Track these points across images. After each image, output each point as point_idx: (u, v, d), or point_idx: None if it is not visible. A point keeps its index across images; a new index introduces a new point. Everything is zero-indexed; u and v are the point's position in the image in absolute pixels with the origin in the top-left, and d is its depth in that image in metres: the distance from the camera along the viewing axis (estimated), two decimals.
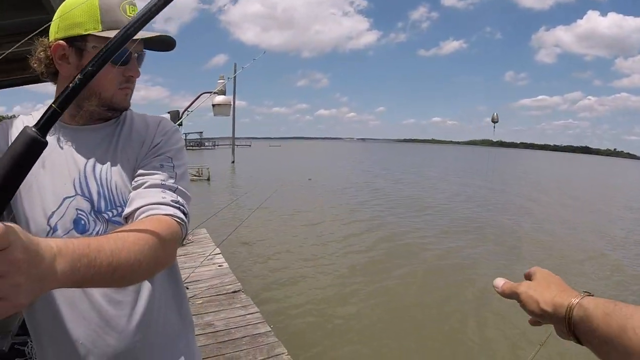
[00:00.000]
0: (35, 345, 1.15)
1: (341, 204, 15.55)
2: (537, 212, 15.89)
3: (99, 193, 1.07)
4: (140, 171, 1.08)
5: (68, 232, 1.05)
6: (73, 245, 0.61)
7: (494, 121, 5.39)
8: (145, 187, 1.06)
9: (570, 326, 0.67)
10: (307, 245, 9.65)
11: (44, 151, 0.81)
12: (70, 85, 0.63)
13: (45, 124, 0.61)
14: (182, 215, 1.02)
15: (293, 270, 7.69)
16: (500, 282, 0.86)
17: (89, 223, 1.06)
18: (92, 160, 1.08)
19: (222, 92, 7.85)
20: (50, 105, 0.63)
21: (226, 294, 5.14)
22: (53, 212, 1.05)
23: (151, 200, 1.02)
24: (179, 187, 1.08)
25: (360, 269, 8.08)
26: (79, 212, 1.06)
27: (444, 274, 7.90)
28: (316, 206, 14.95)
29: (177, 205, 1.03)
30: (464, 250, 9.74)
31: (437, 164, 47.67)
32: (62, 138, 1.08)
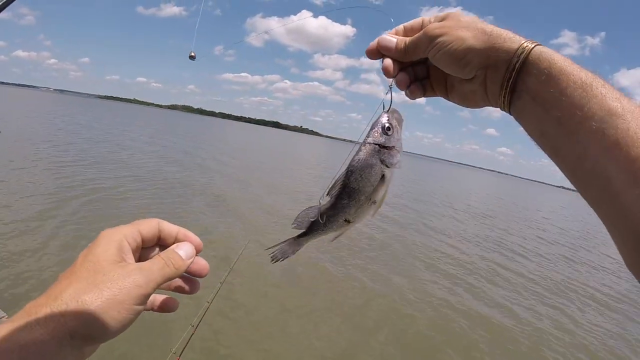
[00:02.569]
0: None
1: (39, 163, 12.79)
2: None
3: None
4: None
5: None
6: None
7: (192, 58, 4.52)
8: None
9: (515, 69, 0.59)
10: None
11: None
12: None
13: None
14: None
15: None
16: (388, 39, 0.71)
17: None
18: None
19: None
20: None
21: None
22: None
23: None
24: None
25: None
26: None
27: None
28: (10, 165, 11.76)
29: None
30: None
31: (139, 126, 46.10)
32: None
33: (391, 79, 0.73)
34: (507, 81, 0.59)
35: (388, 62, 0.70)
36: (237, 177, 17.67)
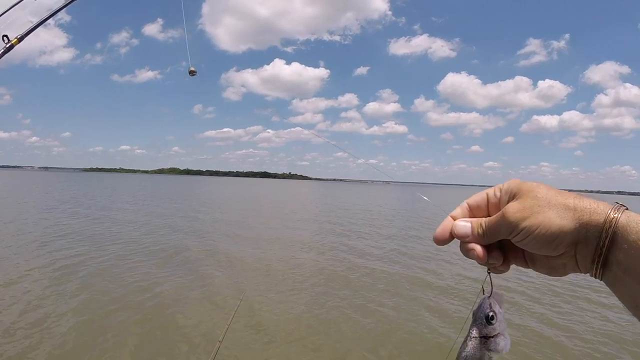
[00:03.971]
0: None
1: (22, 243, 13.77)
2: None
3: None
4: None
5: None
6: None
7: (193, 73, 4.49)
8: None
9: (605, 246, 0.57)
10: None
11: None
12: None
13: None
14: None
15: None
16: (462, 225, 0.69)
17: None
18: None
19: None
20: None
21: None
22: None
23: None
24: None
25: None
26: None
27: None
28: None
29: None
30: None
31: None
32: None
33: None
34: (598, 257, 0.58)
35: (479, 249, 0.67)
36: (229, 232, 18.35)
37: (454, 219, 0.70)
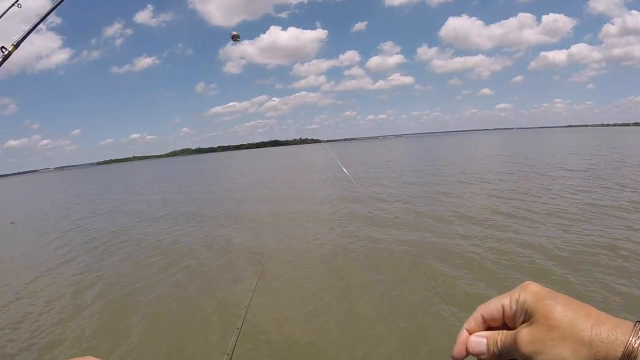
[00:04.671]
0: None
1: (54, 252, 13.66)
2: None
3: None
4: None
5: None
6: None
7: (236, 37, 4.78)
8: None
9: None
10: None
11: None
12: None
13: None
14: None
15: None
16: (478, 342, 0.68)
17: None
18: None
19: None
20: None
21: None
22: None
23: None
24: None
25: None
26: None
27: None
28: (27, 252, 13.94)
29: None
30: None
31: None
32: None
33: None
34: None
35: None
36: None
37: (469, 332, 0.69)
